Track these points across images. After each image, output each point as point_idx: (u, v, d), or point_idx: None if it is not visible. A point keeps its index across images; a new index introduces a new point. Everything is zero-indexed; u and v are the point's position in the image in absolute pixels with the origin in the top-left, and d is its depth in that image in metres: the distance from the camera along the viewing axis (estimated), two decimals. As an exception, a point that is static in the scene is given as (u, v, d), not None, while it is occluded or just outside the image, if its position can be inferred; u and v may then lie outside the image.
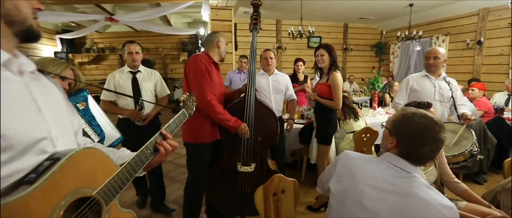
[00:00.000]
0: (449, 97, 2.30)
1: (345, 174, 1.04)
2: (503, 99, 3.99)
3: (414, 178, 0.94)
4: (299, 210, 2.45)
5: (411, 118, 0.97)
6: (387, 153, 1.01)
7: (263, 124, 1.87)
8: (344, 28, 7.56)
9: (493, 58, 4.94)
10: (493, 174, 3.18)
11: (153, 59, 8.40)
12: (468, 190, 1.53)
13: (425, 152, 0.94)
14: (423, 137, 0.93)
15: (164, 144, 0.84)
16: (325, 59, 2.33)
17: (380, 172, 0.96)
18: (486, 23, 5.00)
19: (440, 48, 2.41)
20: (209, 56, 1.90)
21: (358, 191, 0.96)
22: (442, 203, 0.87)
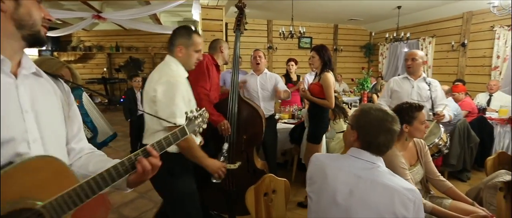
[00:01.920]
0: (427, 97, 2.38)
1: (317, 175, 1.11)
2: (485, 99, 4.15)
3: (378, 168, 1.01)
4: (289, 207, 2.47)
5: (368, 111, 1.06)
6: (352, 148, 1.08)
7: (248, 123, 1.90)
8: (334, 29, 7.66)
9: (476, 60, 5.12)
10: (476, 172, 3.29)
11: (143, 58, 8.27)
12: (452, 187, 1.58)
13: (381, 141, 1.02)
14: (378, 127, 1.02)
15: (143, 162, 0.75)
16: (315, 61, 2.38)
17: (347, 167, 1.04)
18: (470, 26, 5.18)
19: (419, 51, 2.51)
20: (212, 58, 2.05)
21: (331, 189, 1.03)
22: (405, 187, 0.94)
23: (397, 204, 0.92)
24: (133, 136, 3.88)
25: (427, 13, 5.72)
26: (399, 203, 0.92)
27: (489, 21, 4.77)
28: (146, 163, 0.75)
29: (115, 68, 8.11)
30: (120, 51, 8.10)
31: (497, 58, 4.66)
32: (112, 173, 0.71)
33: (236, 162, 1.88)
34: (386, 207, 0.93)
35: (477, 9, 4.95)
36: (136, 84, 3.83)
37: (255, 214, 1.35)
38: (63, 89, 0.78)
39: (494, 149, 3.32)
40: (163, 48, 8.39)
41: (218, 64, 2.08)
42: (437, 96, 2.38)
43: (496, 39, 4.65)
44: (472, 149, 3.11)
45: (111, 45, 8.07)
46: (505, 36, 4.54)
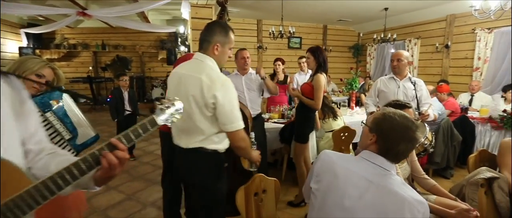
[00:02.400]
0: (412, 97, 2.45)
1: (325, 173, 1.06)
2: (467, 99, 4.30)
3: (390, 175, 0.99)
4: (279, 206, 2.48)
5: (392, 117, 1.02)
6: (365, 151, 1.05)
7: None
8: (324, 30, 7.75)
9: (459, 61, 5.30)
10: (459, 169, 3.41)
11: (130, 57, 8.09)
12: (436, 185, 1.63)
13: (401, 149, 0.99)
14: (401, 135, 0.99)
15: (109, 156, 0.68)
16: (310, 62, 2.39)
17: (359, 170, 1.00)
18: (453, 28, 5.35)
19: (404, 52, 2.55)
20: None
21: (340, 190, 0.99)
22: (416, 199, 0.93)
23: (406, 214, 0.91)
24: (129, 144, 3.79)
25: (413, 15, 5.87)
26: (408, 213, 0.91)
27: (471, 24, 4.95)
28: (111, 157, 0.69)
29: (101, 67, 7.89)
30: (106, 49, 7.89)
31: (478, 59, 4.84)
32: (72, 170, 0.64)
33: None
34: (394, 216, 0.91)
35: (459, 12, 5.13)
36: (124, 83, 3.74)
37: (245, 214, 1.34)
38: (13, 86, 0.72)
39: (475, 147, 3.45)
40: (152, 47, 8.24)
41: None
42: (422, 95, 2.45)
43: (477, 41, 4.83)
44: (455, 147, 3.22)
45: (97, 43, 7.85)
46: (485, 38, 4.72)
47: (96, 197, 2.72)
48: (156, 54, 8.23)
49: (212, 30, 1.38)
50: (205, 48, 1.38)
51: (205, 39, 1.38)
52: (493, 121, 3.35)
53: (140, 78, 8.09)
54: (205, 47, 1.38)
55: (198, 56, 1.38)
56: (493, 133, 3.38)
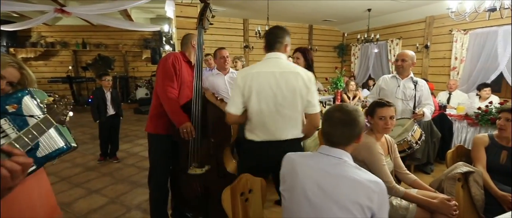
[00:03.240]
0: (411, 96, 2.51)
1: (288, 174, 1.15)
2: (445, 97, 4.49)
3: (344, 163, 1.06)
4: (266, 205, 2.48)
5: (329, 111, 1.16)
6: (322, 146, 1.15)
7: (215, 125, 1.81)
8: (309, 29, 7.84)
9: (438, 61, 5.52)
10: (438, 165, 3.55)
11: (113, 56, 7.85)
12: (417, 180, 1.71)
13: (325, 130, 1.12)
14: (323, 120, 1.14)
15: (7, 163, 0.60)
16: (300, 62, 2.36)
17: (315, 163, 1.09)
18: (432, 29, 5.57)
19: (409, 52, 2.59)
20: (183, 55, 1.96)
21: (301, 187, 1.06)
22: (369, 179, 1.00)
23: (361, 196, 0.97)
24: (102, 138, 3.67)
25: (395, 16, 6.05)
26: (363, 195, 0.97)
27: (448, 25, 5.17)
28: (12, 163, 0.60)
29: (81, 67, 7.60)
30: (87, 48, 7.61)
31: (455, 59, 5.07)
32: None
33: (205, 166, 1.84)
34: (351, 200, 0.97)
35: (438, 14, 5.34)
36: (106, 83, 3.62)
37: (232, 214, 1.33)
38: None
39: (453, 143, 3.61)
40: (135, 46, 8.04)
41: (190, 60, 1.99)
42: (422, 95, 2.52)
43: (454, 42, 5.05)
44: (435, 144, 3.35)
45: (77, 41, 7.55)
46: (461, 39, 4.94)
47: (76, 201, 2.62)
48: (140, 53, 8.03)
49: (282, 32, 1.60)
50: (278, 48, 1.59)
51: (278, 40, 1.58)
52: (469, 117, 3.51)
53: (124, 78, 7.86)
54: (278, 47, 1.59)
55: (275, 55, 1.59)
56: (469, 129, 3.55)
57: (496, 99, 3.97)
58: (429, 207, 1.45)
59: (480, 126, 3.36)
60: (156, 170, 1.99)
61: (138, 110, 7.21)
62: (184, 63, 1.95)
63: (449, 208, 1.39)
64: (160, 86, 1.82)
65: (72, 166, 3.54)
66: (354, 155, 1.61)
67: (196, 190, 1.88)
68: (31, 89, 1.00)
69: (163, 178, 1.99)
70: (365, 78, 7.13)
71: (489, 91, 3.99)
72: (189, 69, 1.99)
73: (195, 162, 1.84)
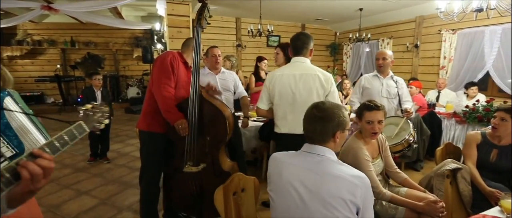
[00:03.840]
0: (395, 94, 2.57)
1: (274, 174, 1.16)
2: (434, 96, 4.58)
3: (326, 159, 1.07)
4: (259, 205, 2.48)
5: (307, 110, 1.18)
6: (305, 144, 1.16)
7: (211, 124, 1.83)
8: (302, 28, 7.86)
9: (427, 60, 5.63)
10: (428, 162, 3.62)
11: (103, 55, 7.70)
12: (407, 178, 1.73)
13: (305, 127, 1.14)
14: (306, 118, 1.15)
15: (30, 165, 0.59)
16: (279, 58, 2.38)
17: (299, 162, 1.10)
18: (422, 29, 5.67)
19: (388, 50, 2.67)
20: (181, 56, 1.96)
21: (287, 186, 1.07)
22: (352, 174, 1.01)
23: (344, 191, 0.97)
24: (92, 138, 3.60)
25: (386, 16, 6.13)
26: (346, 190, 0.97)
27: (437, 25, 5.27)
28: (34, 166, 0.59)
29: (70, 65, 7.43)
30: (76, 46, 7.44)
31: (444, 58, 5.18)
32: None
33: (200, 164, 1.83)
34: (335, 196, 0.97)
35: (427, 13, 5.44)
36: (97, 82, 3.54)
37: (224, 214, 1.33)
38: None
39: (442, 140, 3.69)
40: (126, 44, 7.90)
41: (187, 62, 1.99)
42: (403, 93, 2.58)
43: (443, 41, 5.15)
44: (425, 141, 3.42)
45: (65, 39, 7.37)
46: (450, 39, 5.05)
47: (66, 203, 2.56)
48: (131, 52, 7.90)
49: (308, 39, 1.85)
50: (304, 54, 1.84)
51: (304, 46, 1.84)
52: (457, 115, 3.59)
53: (114, 77, 7.72)
54: (304, 52, 1.84)
55: (300, 59, 1.84)
56: (457, 127, 3.63)
57: (483, 97, 4.08)
58: (415, 209, 1.46)
59: (467, 124, 3.44)
60: (148, 168, 1.96)
61: (129, 109, 7.10)
62: (181, 64, 1.94)
63: (435, 210, 1.40)
64: (156, 83, 1.80)
65: (61, 167, 3.46)
66: (342, 158, 1.63)
67: (192, 188, 1.87)
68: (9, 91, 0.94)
69: (155, 177, 1.97)
70: (357, 77, 7.21)
71: (476, 90, 4.09)
72: (186, 70, 1.98)
73: (190, 160, 1.83)
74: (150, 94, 1.88)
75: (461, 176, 1.72)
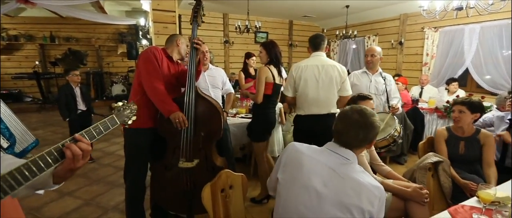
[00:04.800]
0: (383, 91, 2.62)
1: (292, 163, 1.12)
2: (418, 92, 4.73)
3: (351, 165, 1.06)
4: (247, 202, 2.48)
5: (344, 111, 1.13)
6: (329, 142, 1.13)
7: (206, 119, 1.84)
8: (289, 25, 7.89)
9: (411, 56, 5.78)
10: (411, 155, 3.75)
11: (85, 51, 7.43)
12: (391, 171, 1.80)
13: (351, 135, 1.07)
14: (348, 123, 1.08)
15: (73, 147, 0.71)
16: (263, 56, 2.36)
17: (323, 160, 1.07)
18: (406, 26, 5.81)
19: (377, 47, 2.69)
20: (164, 51, 1.95)
21: (305, 179, 1.05)
22: (373, 184, 1.01)
23: (364, 200, 0.97)
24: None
25: (371, 13, 6.24)
26: (366, 199, 0.98)
27: (420, 23, 5.42)
28: (76, 148, 0.71)
29: (50, 62, 7.12)
30: (56, 42, 7.13)
31: (427, 55, 5.34)
32: (39, 162, 0.64)
33: (194, 159, 1.82)
34: (354, 202, 0.97)
35: (411, 11, 5.57)
36: (75, 79, 3.42)
37: (212, 211, 1.32)
38: None
39: (425, 135, 3.82)
40: (110, 40, 7.66)
41: (171, 56, 1.96)
42: (391, 89, 2.64)
43: (426, 39, 5.31)
44: (408, 136, 3.53)
45: (44, 35, 7.04)
46: (432, 36, 5.21)
47: (47, 205, 2.47)
48: (115, 48, 7.66)
49: (324, 38, 2.26)
50: (322, 49, 2.24)
51: (322, 44, 2.24)
52: (439, 110, 3.73)
53: (98, 74, 7.48)
54: (322, 48, 2.24)
55: (319, 54, 2.23)
56: (439, 121, 3.77)
57: (463, 93, 4.25)
58: (404, 195, 1.53)
59: (448, 118, 3.58)
60: (133, 165, 1.92)
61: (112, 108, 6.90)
62: (165, 58, 1.91)
63: (421, 196, 1.48)
64: (145, 76, 1.77)
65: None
66: None
67: (185, 184, 1.84)
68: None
69: (140, 175, 1.93)
70: (344, 73, 7.32)
71: (456, 86, 4.25)
72: (170, 64, 1.95)
73: (184, 156, 1.80)
74: (136, 89, 1.84)
75: (442, 168, 1.78)
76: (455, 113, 1.95)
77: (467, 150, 1.93)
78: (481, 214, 1.24)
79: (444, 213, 1.27)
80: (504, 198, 1.32)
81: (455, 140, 1.98)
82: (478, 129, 1.97)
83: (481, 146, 1.92)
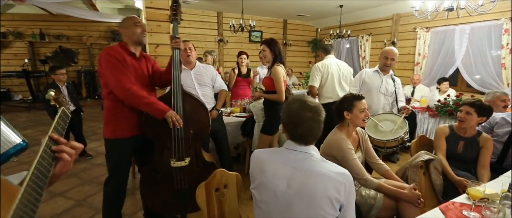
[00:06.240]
0: (392, 92, 2.68)
1: (256, 171, 1.13)
2: (410, 91, 4.80)
3: (311, 157, 1.05)
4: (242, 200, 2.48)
5: (288, 104, 1.10)
6: (287, 141, 1.12)
7: (194, 116, 1.82)
8: (284, 24, 7.90)
9: (403, 56, 5.86)
10: (403, 154, 3.80)
11: (76, 49, 7.30)
12: (389, 170, 1.78)
13: (302, 132, 1.04)
14: (297, 118, 1.05)
15: (65, 148, 0.68)
16: (267, 54, 2.35)
17: (284, 160, 1.06)
18: (398, 26, 5.88)
19: (396, 50, 2.69)
20: (124, 47, 1.74)
21: (270, 184, 1.05)
22: (336, 171, 1.00)
23: (330, 189, 0.97)
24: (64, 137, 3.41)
25: (365, 13, 6.30)
26: (332, 188, 0.97)
27: (413, 23, 5.50)
28: (67, 148, 0.68)
29: (40, 60, 6.97)
30: (46, 39, 6.97)
31: (419, 55, 5.42)
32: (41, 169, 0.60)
33: (186, 158, 1.80)
34: (321, 194, 0.97)
35: (403, 12, 5.65)
36: (61, 77, 3.35)
37: (207, 210, 1.31)
38: None
39: (416, 133, 3.88)
40: (102, 38, 7.53)
41: (134, 53, 1.76)
42: (399, 92, 2.72)
43: (418, 39, 5.39)
44: (400, 134, 3.57)
45: (33, 32, 6.88)
46: (424, 36, 5.29)
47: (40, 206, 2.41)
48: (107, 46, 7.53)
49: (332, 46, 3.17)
50: (332, 53, 3.16)
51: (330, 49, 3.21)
52: (431, 109, 3.79)
53: (90, 72, 7.35)
54: (332, 52, 3.18)
55: (331, 56, 3.13)
56: (430, 120, 3.83)
57: (453, 92, 4.33)
58: (401, 197, 1.53)
59: (439, 117, 3.64)
60: (115, 173, 1.83)
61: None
62: (128, 56, 1.71)
63: (416, 197, 1.49)
64: (117, 85, 1.62)
65: (32, 168, 3.26)
66: (326, 152, 1.66)
67: (179, 183, 1.82)
68: None
69: (122, 182, 1.86)
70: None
71: (447, 85, 4.33)
72: (135, 62, 1.76)
73: (175, 156, 1.76)
74: (109, 100, 1.74)
75: (433, 166, 1.81)
76: (462, 113, 1.93)
77: (466, 150, 1.95)
78: (470, 211, 1.26)
79: (435, 210, 1.29)
80: (493, 194, 1.35)
81: (455, 138, 1.99)
82: (479, 131, 1.97)
83: (480, 148, 1.93)
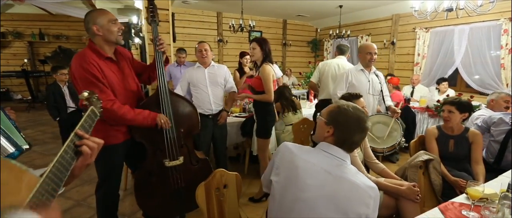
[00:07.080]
0: (379, 91, 2.57)
1: (285, 165, 1.09)
2: (409, 91, 4.80)
3: (346, 165, 1.04)
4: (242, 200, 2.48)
5: (347, 109, 1.07)
6: (323, 142, 1.09)
7: (183, 115, 1.85)
8: (283, 24, 7.90)
9: (403, 56, 5.87)
10: (403, 154, 3.81)
11: (76, 49, 7.28)
12: (385, 169, 1.81)
13: (356, 139, 1.06)
14: (356, 126, 1.05)
15: (87, 143, 0.71)
16: (256, 52, 2.31)
17: (318, 162, 1.04)
18: (398, 27, 5.89)
19: (373, 44, 2.62)
20: (98, 52, 1.56)
21: (299, 182, 1.02)
22: (367, 185, 1.00)
23: (360, 202, 0.97)
24: (64, 137, 3.41)
25: (364, 13, 6.31)
26: (362, 201, 0.97)
27: (412, 23, 5.50)
28: (90, 143, 0.71)
29: (39, 60, 6.96)
30: (45, 39, 6.96)
31: (418, 55, 5.43)
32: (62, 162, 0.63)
33: (179, 157, 1.81)
34: (350, 204, 0.97)
35: (403, 12, 5.65)
36: (63, 77, 3.35)
37: (206, 210, 1.31)
38: None
39: (416, 133, 3.88)
40: (101, 37, 7.52)
41: (109, 56, 1.60)
42: (384, 88, 2.59)
43: (417, 39, 5.40)
44: (400, 134, 3.58)
45: (33, 32, 6.87)
46: (423, 37, 5.30)
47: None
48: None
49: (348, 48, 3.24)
50: (344, 54, 3.23)
51: (346, 51, 3.26)
52: (430, 109, 3.80)
53: (89, 72, 7.33)
54: (345, 54, 3.23)
55: (342, 57, 3.21)
56: (429, 120, 3.84)
57: (452, 92, 4.34)
58: (399, 193, 1.55)
59: (439, 117, 3.65)
60: (107, 179, 1.80)
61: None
62: (102, 62, 1.56)
63: (414, 193, 1.51)
64: None
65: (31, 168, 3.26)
66: None
67: (175, 183, 1.82)
68: None
69: (114, 188, 1.83)
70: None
71: (446, 85, 4.33)
72: (114, 66, 1.63)
73: (168, 156, 1.77)
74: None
75: (433, 166, 1.82)
76: (445, 112, 2.01)
77: (457, 148, 1.98)
78: (470, 211, 1.27)
79: (434, 210, 1.29)
80: (492, 194, 1.36)
81: (445, 138, 2.02)
82: (467, 128, 2.02)
83: (470, 144, 1.97)
